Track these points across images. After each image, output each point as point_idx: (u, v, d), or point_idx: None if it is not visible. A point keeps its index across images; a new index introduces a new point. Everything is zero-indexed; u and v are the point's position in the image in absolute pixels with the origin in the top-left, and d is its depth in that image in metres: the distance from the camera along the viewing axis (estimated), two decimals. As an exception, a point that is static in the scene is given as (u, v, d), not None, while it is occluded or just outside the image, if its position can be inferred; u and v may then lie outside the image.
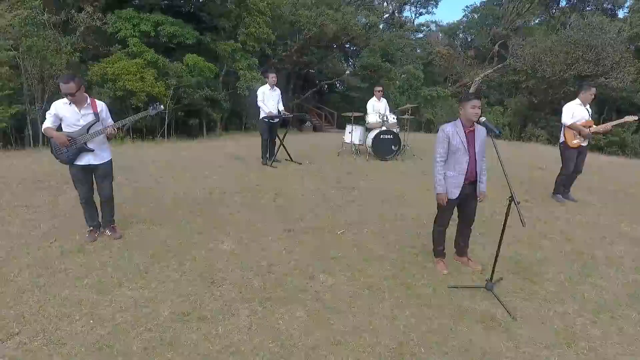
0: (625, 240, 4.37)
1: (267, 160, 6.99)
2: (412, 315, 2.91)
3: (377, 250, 3.86)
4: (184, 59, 13.56)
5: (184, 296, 2.98)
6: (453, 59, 33.63)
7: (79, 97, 3.41)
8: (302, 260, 3.60)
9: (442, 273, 3.48)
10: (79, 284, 3.05)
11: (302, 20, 15.99)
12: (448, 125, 3.30)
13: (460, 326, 2.80)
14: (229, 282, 3.20)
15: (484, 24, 35.23)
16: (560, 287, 3.36)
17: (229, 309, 2.87)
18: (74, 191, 5.01)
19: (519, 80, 27.40)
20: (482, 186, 3.34)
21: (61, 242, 3.69)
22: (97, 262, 3.38)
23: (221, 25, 15.25)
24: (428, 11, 40.04)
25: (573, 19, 28.80)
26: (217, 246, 3.79)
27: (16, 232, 3.88)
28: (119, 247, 3.67)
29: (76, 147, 3.49)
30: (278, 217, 4.58)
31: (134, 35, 12.58)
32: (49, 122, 3.46)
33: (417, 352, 2.54)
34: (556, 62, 23.08)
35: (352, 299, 3.08)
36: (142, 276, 3.21)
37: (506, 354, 2.56)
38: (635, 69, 22.18)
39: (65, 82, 3.30)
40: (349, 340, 2.61)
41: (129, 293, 2.98)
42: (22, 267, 3.24)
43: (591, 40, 21.57)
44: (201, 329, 2.65)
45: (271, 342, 2.57)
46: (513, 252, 3.95)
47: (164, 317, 2.74)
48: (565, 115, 5.27)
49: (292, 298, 3.04)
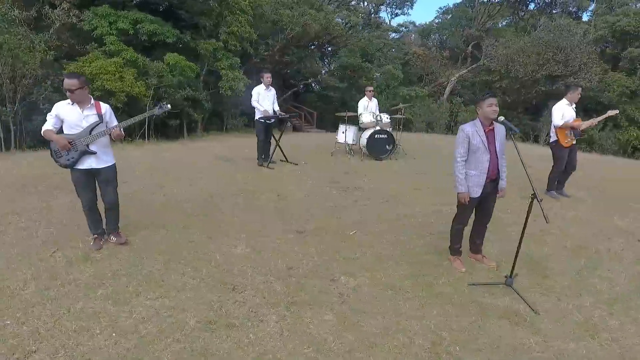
0: (621, 234, 4.57)
1: (263, 162, 6.88)
2: (439, 314, 2.93)
3: (391, 250, 3.87)
4: (164, 58, 13.13)
5: (207, 304, 2.88)
6: (429, 59, 34.37)
7: (79, 96, 3.24)
8: (319, 263, 3.55)
9: (459, 271, 3.52)
10: (92, 295, 2.89)
11: (284, 20, 15.86)
12: (467, 126, 3.34)
13: (487, 323, 2.84)
14: (250, 288, 3.12)
15: (457, 25, 36.09)
16: (572, 281, 3.47)
17: (256, 315, 2.80)
18: (66, 197, 4.82)
19: (492, 80, 28.27)
20: (503, 182, 3.40)
21: (64, 251, 3.49)
22: (107, 271, 3.21)
23: (202, 24, 14.89)
24: (403, 12, 40.76)
25: (542, 21, 30.05)
26: (230, 250, 3.69)
27: (11, 242, 3.64)
28: (128, 254, 3.50)
29: (78, 150, 3.30)
30: (285, 219, 4.51)
31: (111, 33, 12.07)
32: (50, 124, 3.27)
33: (452, 350, 2.55)
34: (528, 62, 23.96)
35: (377, 300, 3.06)
36: (159, 284, 3.08)
37: (536, 349, 2.61)
38: (600, 70, 23.36)
39: (69, 77, 3.16)
40: (382, 342, 2.60)
41: (148, 303, 2.85)
42: (26, 279, 3.04)
43: (561, 41, 22.54)
44: (231, 337, 2.56)
45: (306, 347, 2.52)
46: (521, 248, 4.04)
47: (190, 326, 2.63)
48: (556, 116, 5.44)
49: (317, 301, 3.00)
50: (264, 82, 6.76)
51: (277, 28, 16.39)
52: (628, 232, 4.64)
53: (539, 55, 23.70)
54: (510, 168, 3.64)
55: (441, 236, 4.22)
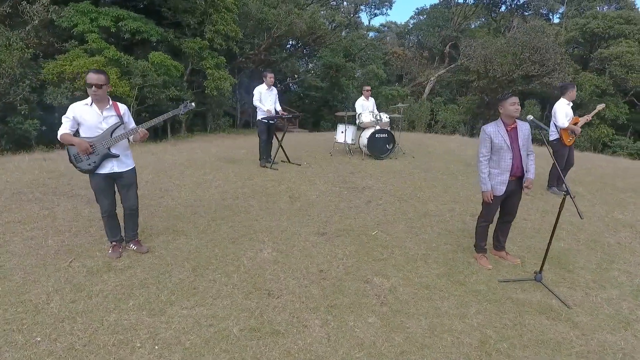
0: (625, 227, 4.76)
1: (265, 162, 6.77)
2: (478, 312, 2.94)
3: (416, 249, 3.87)
4: (148, 57, 12.75)
5: (246, 310, 2.79)
6: (408, 59, 34.92)
7: (102, 95, 3.09)
8: (349, 264, 3.51)
9: (487, 268, 3.56)
10: (124, 306, 2.75)
11: (269, 18, 15.68)
12: (489, 126, 3.38)
13: (526, 319, 2.88)
14: (286, 292, 3.05)
15: (434, 26, 36.79)
16: (594, 274, 3.58)
17: (299, 321, 2.73)
18: (68, 203, 4.58)
19: (470, 80, 28.99)
20: (529, 174, 3.42)
21: (82, 261, 3.31)
22: (134, 280, 3.06)
23: (185, 22, 14.55)
24: (382, 12, 41.26)
25: (516, 23, 31.07)
26: (257, 255, 3.59)
27: (21, 252, 3.41)
28: (152, 262, 3.35)
29: (99, 153, 3.13)
30: (303, 220, 4.44)
31: (92, 30, 11.61)
32: (67, 127, 3.08)
33: (501, 348, 2.57)
34: (505, 62, 24.68)
35: (415, 300, 3.05)
36: (192, 292, 2.95)
37: (578, 343, 2.67)
38: (573, 69, 24.38)
39: (96, 72, 3.02)
40: (431, 343, 2.59)
41: (185, 312, 2.73)
42: (48, 291, 2.86)
43: (536, 42, 23.32)
44: (279, 345, 2.49)
45: (357, 351, 2.47)
46: (538, 244, 4.14)
47: (235, 335, 2.54)
48: (561, 117, 5.56)
49: (356, 304, 2.96)
50: (266, 81, 6.64)
51: (263, 27, 16.19)
52: (630, 225, 4.83)
53: (515, 56, 24.47)
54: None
55: (460, 234, 4.27)
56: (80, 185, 5.28)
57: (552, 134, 5.81)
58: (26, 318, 2.57)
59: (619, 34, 23.59)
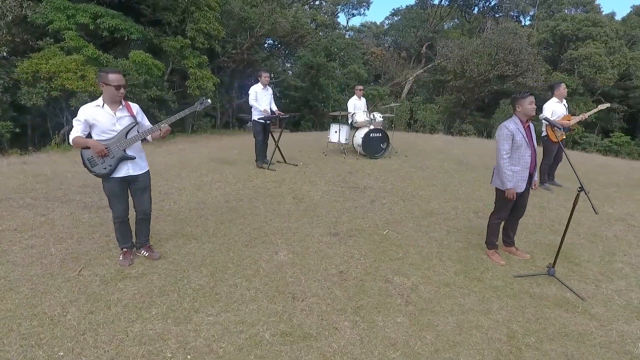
0: (618, 220, 4.97)
1: (262, 163, 6.67)
2: (500, 307, 3.00)
3: (429, 248, 3.91)
4: (129, 56, 12.33)
5: (274, 315, 2.74)
6: (386, 59, 35.35)
7: (122, 94, 2.98)
8: (367, 264, 3.51)
9: (500, 264, 3.63)
10: (147, 316, 2.63)
11: (252, 17, 15.48)
12: (509, 123, 3.44)
13: (546, 312, 2.96)
14: (310, 295, 3.01)
15: (411, 27, 37.37)
16: (600, 267, 3.72)
17: (328, 323, 2.70)
18: (63, 208, 4.37)
19: (447, 80, 29.65)
20: (536, 176, 3.55)
21: (92, 269, 3.15)
22: (152, 288, 2.94)
23: (166, 20, 14.15)
24: (360, 13, 41.55)
25: (490, 24, 31.98)
26: (273, 257, 3.53)
27: (23, 262, 3.22)
28: (167, 268, 3.24)
29: (114, 156, 3.00)
30: (313, 221, 4.40)
31: (69, 27, 11.10)
32: (78, 130, 2.92)
33: (529, 342, 2.63)
34: (481, 63, 25.37)
35: (438, 298, 3.08)
36: (215, 298, 2.87)
37: (599, 334, 2.76)
38: (545, 70, 25.33)
39: (114, 72, 2.90)
40: (462, 340, 2.62)
41: (211, 319, 2.65)
42: (62, 303, 2.70)
43: (510, 43, 24.09)
44: (313, 348, 2.45)
45: (392, 352, 2.47)
46: (542, 238, 4.27)
47: (268, 340, 2.49)
48: (546, 114, 5.77)
49: (382, 304, 2.96)
50: (261, 81, 6.55)
51: (246, 26, 15.96)
52: (622, 219, 5.05)
53: (490, 56, 25.19)
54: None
55: (468, 231, 4.35)
56: (73, 190, 5.05)
57: (544, 130, 6.02)
58: (44, 332, 2.42)
59: (587, 35, 24.69)
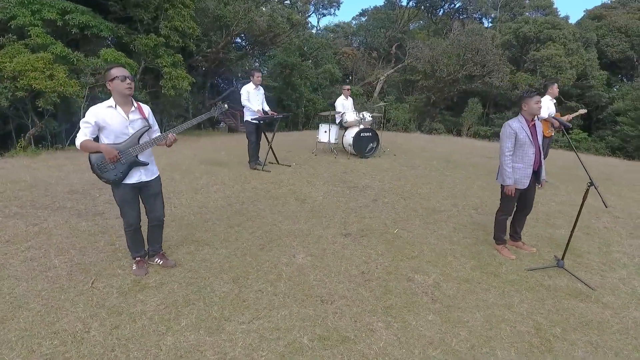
0: (604, 213, 5.26)
1: (255, 164, 6.55)
2: (522, 300, 3.10)
3: (441, 245, 3.98)
4: (100, 54, 11.74)
5: (307, 319, 2.69)
6: (357, 59, 35.74)
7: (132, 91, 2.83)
8: (386, 264, 3.52)
9: (510, 258, 3.75)
10: (177, 327, 2.51)
11: (227, 15, 15.15)
12: (513, 122, 3.56)
13: (564, 303, 3.08)
14: (338, 297, 2.98)
15: (380, 27, 37.95)
16: (600, 257, 3.92)
17: (363, 325, 2.68)
18: (57, 216, 4.11)
19: (416, 80, 30.37)
20: (543, 174, 3.70)
21: (104, 281, 2.97)
22: (176, 297, 2.81)
23: (138, 17, 13.59)
24: (330, 13, 41.67)
25: (456, 26, 33.00)
26: (292, 260, 3.47)
27: (27, 276, 2.98)
28: (185, 276, 3.10)
29: (126, 161, 2.83)
30: (322, 222, 4.37)
31: (35, 24, 10.42)
32: (87, 133, 2.73)
33: (556, 332, 2.73)
34: (450, 63, 26.17)
35: (461, 294, 3.14)
36: (243, 305, 2.78)
37: (615, 321, 2.91)
38: (509, 70, 26.49)
39: (116, 65, 2.77)
40: (494, 334, 2.67)
41: (244, 327, 2.56)
42: (82, 318, 2.53)
43: (478, 44, 25.01)
44: (354, 351, 2.43)
45: (432, 350, 2.49)
46: (542, 232, 4.45)
47: (307, 345, 2.44)
48: (544, 111, 6.02)
49: (409, 303, 2.97)
50: (253, 80, 6.42)
51: (221, 24, 15.60)
52: (606, 211, 5.35)
53: (459, 57, 26.05)
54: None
55: (473, 228, 4.46)
56: (61, 196, 4.74)
57: (534, 127, 6.27)
58: (68, 351, 2.25)
59: (548, 38, 26.02)
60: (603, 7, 33.10)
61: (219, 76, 23.51)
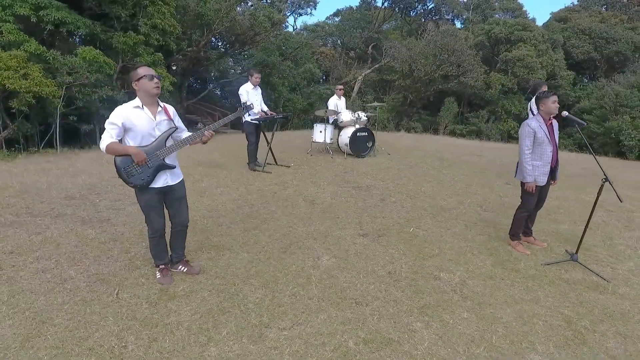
0: (599, 207, 5.45)
1: (255, 166, 6.43)
2: (546, 295, 3.18)
3: (457, 242, 4.03)
4: (77, 52, 11.20)
5: (347, 322, 2.65)
6: (335, 59, 35.86)
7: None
8: (410, 263, 3.53)
9: (525, 254, 3.85)
10: (218, 337, 2.42)
11: (209, 13, 14.80)
12: (531, 121, 3.66)
13: (586, 296, 3.19)
14: (371, 298, 2.96)
15: (356, 27, 38.23)
16: (606, 250, 4.10)
17: (403, 326, 2.68)
18: (61, 224, 3.91)
19: (393, 80, 30.83)
20: (557, 173, 3.82)
21: (130, 291, 2.82)
22: (210, 306, 2.71)
23: (115, 14, 13.05)
24: (306, 12, 41.58)
25: (430, 26, 33.70)
26: (317, 263, 3.42)
27: (41, 289, 2.79)
28: (213, 282, 2.99)
29: (153, 165, 2.70)
30: (337, 223, 4.33)
31: (6, 20, 9.81)
32: (113, 135, 2.59)
33: (586, 324, 2.82)
34: (427, 63, 26.71)
35: (489, 290, 3.19)
36: (280, 311, 2.71)
37: (634, 311, 3.04)
38: (483, 70, 27.32)
39: (142, 65, 2.64)
40: (529, 329, 2.73)
41: (286, 333, 2.50)
42: (115, 332, 2.39)
43: (453, 44, 25.63)
44: (401, 352, 2.42)
45: (475, 348, 2.51)
46: (546, 227, 4.60)
47: (354, 349, 2.41)
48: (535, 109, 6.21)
49: (442, 301, 2.99)
50: (251, 80, 6.30)
51: (203, 22, 15.22)
52: (599, 205, 5.58)
53: (435, 57, 26.62)
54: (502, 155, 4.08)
55: (483, 224, 4.55)
56: (58, 202, 4.48)
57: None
58: (109, 368, 2.12)
59: (518, 39, 27.00)
60: (567, 10, 34.75)
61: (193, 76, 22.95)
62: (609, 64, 29.28)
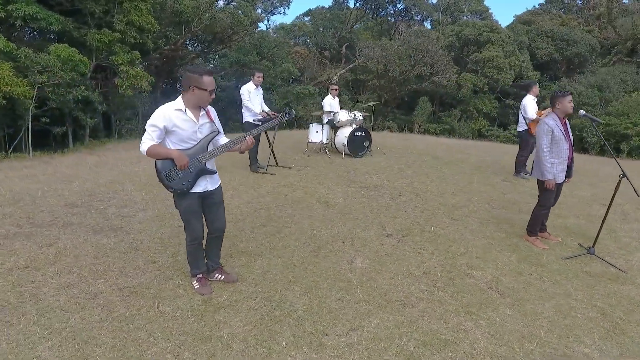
0: (593, 201, 5.78)
1: (257, 168, 6.29)
2: (575, 288, 3.30)
3: (479, 240, 4.11)
4: (50, 50, 10.56)
5: (401, 325, 2.63)
6: (309, 58, 35.81)
7: None
8: (442, 262, 3.56)
9: (544, 249, 3.98)
10: (277, 348, 2.33)
11: (187, 11, 14.36)
12: (549, 119, 3.78)
13: (610, 288, 3.34)
14: (416, 299, 2.96)
15: (330, 27, 38.33)
16: (614, 242, 4.30)
17: (454, 326, 2.69)
18: (69, 233, 3.68)
19: (367, 80, 31.18)
20: (572, 170, 3.96)
21: (169, 304, 2.67)
22: (260, 315, 2.61)
23: (88, 10, 12.42)
24: (279, 12, 41.23)
25: (401, 27, 34.34)
26: (352, 265, 3.38)
27: (71, 307, 2.58)
28: (255, 290, 2.89)
29: (194, 169, 2.57)
30: (359, 224, 4.30)
31: (-29, 14, 9.11)
32: (154, 137, 2.44)
33: (619, 315, 2.94)
34: (402, 63, 27.19)
35: (522, 286, 3.26)
36: (332, 317, 2.65)
37: (656, 300, 3.21)
38: (455, 70, 28.15)
39: (209, 73, 2.45)
40: (571, 323, 2.82)
41: (344, 340, 2.45)
42: (169, 349, 2.25)
43: (426, 45, 26.23)
44: (461, 352, 2.43)
45: (528, 344, 2.57)
46: (554, 222, 4.78)
47: (415, 352, 2.39)
48: (531, 111, 6.40)
49: (482, 300, 3.03)
50: (253, 80, 6.16)
51: (181, 20, 14.74)
52: (594, 200, 5.89)
53: (410, 57, 27.15)
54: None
55: (497, 221, 4.66)
56: (60, 211, 4.19)
57: (521, 125, 6.69)
58: (174, 387, 1.99)
59: (487, 40, 28.04)
60: (530, 12, 36.40)
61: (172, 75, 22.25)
62: (569, 65, 30.90)
